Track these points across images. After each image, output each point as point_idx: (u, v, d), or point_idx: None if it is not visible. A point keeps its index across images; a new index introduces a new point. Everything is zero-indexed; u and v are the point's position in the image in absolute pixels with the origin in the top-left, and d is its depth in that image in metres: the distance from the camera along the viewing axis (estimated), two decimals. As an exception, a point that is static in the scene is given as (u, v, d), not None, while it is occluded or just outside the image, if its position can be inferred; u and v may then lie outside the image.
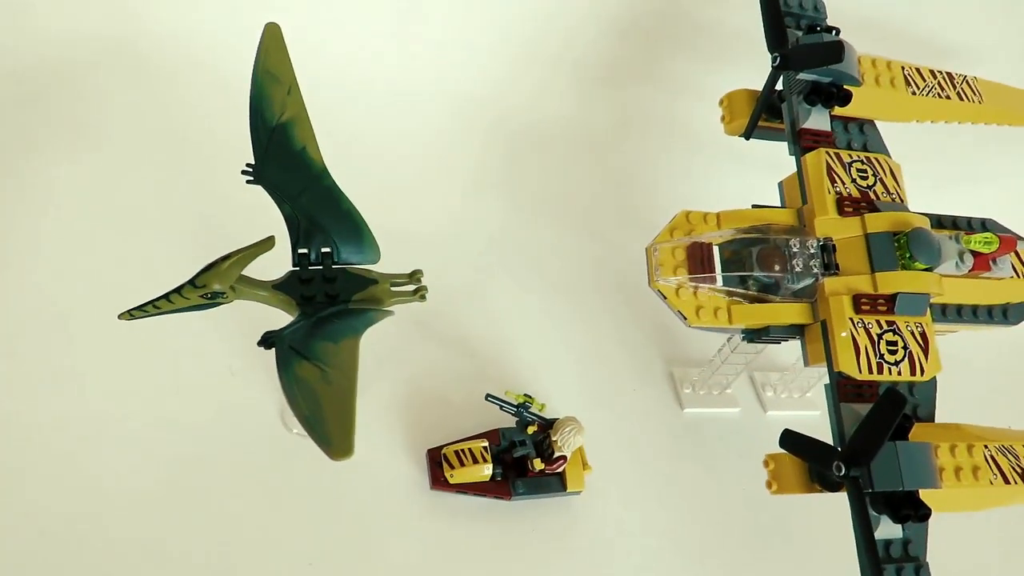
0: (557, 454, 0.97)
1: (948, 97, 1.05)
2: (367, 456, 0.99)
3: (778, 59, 0.95)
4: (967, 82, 1.07)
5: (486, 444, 0.98)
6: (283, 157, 0.81)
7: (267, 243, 0.72)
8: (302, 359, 0.70)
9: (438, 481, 0.96)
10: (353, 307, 0.79)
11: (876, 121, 1.04)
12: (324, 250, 0.82)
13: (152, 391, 0.98)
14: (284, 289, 0.79)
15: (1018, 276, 0.99)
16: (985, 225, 1.05)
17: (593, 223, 1.31)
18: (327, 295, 0.79)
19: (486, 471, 0.96)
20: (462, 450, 0.97)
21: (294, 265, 0.81)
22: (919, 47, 1.30)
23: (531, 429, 0.98)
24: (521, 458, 0.98)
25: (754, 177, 1.20)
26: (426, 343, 1.12)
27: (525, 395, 0.98)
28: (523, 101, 1.37)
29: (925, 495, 0.83)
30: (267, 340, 0.74)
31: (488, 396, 0.96)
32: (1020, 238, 1.04)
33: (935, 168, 1.33)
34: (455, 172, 1.29)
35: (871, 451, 0.78)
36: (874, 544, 0.79)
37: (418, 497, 0.98)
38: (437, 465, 0.97)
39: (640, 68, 1.38)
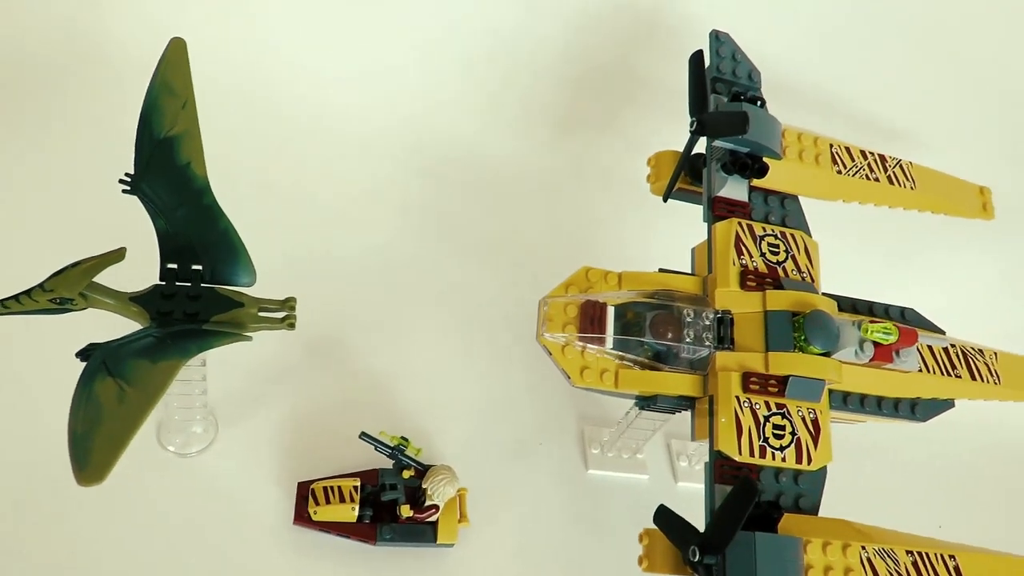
0: (428, 503, 0.94)
1: (877, 179, 1.02)
2: (237, 482, 0.98)
3: (694, 124, 0.93)
4: (900, 166, 1.04)
5: (357, 483, 0.94)
6: (165, 170, 0.80)
7: (118, 254, 0.71)
8: (107, 375, 0.67)
9: (301, 516, 0.93)
10: (208, 328, 0.77)
11: (800, 197, 1.02)
12: (195, 267, 0.80)
13: (15, 395, 0.96)
14: (141, 302, 0.77)
15: (928, 371, 0.96)
16: (904, 315, 1.01)
17: (518, 266, 1.28)
18: (186, 313, 0.77)
19: (351, 511, 0.93)
20: (331, 487, 0.94)
21: (160, 279, 0.80)
22: (872, 128, 1.28)
23: (408, 473, 0.95)
24: (391, 502, 0.95)
25: (690, 238, 1.18)
26: (325, 372, 1.10)
27: (402, 437, 0.95)
28: (453, 137, 1.36)
29: (789, 593, 0.79)
30: (85, 352, 0.72)
31: (363, 435, 0.93)
32: (938, 331, 1.01)
33: (883, 251, 1.31)
34: (383, 204, 1.28)
35: (724, 540, 0.74)
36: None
37: (281, 532, 0.94)
38: (304, 500, 0.94)
39: (586, 116, 1.37)
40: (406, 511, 0.93)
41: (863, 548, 0.82)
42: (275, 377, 1.06)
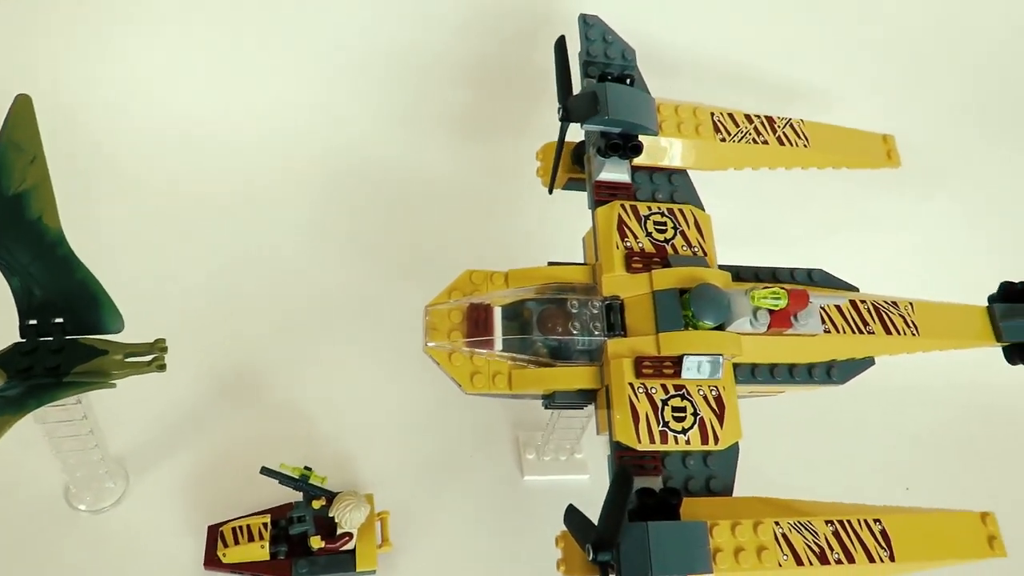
0: (339, 531, 0.92)
1: (766, 142, 0.99)
2: (150, 532, 0.96)
3: (560, 111, 0.91)
4: (791, 126, 1.01)
5: (267, 520, 0.92)
6: (16, 226, 0.78)
7: None
8: None
9: (211, 561, 0.91)
10: (69, 380, 0.75)
11: (689, 170, 0.99)
12: (57, 321, 0.79)
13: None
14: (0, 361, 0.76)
15: (837, 331, 0.92)
16: (811, 276, 0.98)
17: (431, 278, 1.24)
18: (47, 368, 0.76)
19: (262, 549, 0.90)
20: (239, 527, 0.91)
21: (21, 336, 0.78)
22: (783, 91, 1.25)
23: (318, 503, 0.93)
24: (302, 535, 0.92)
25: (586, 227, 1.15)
26: (238, 411, 1.08)
27: (305, 467, 0.93)
28: (354, 157, 1.35)
29: (699, 581, 0.75)
30: None
31: (263, 469, 0.91)
32: (850, 288, 0.97)
33: (797, 214, 1.27)
34: (284, 232, 1.26)
35: (611, 535, 0.71)
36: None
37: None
38: (213, 543, 0.92)
39: (491, 118, 1.35)
40: (316, 542, 0.91)
41: (776, 524, 0.79)
42: (187, 421, 1.05)
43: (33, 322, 0.79)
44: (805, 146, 1.01)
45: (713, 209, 0.97)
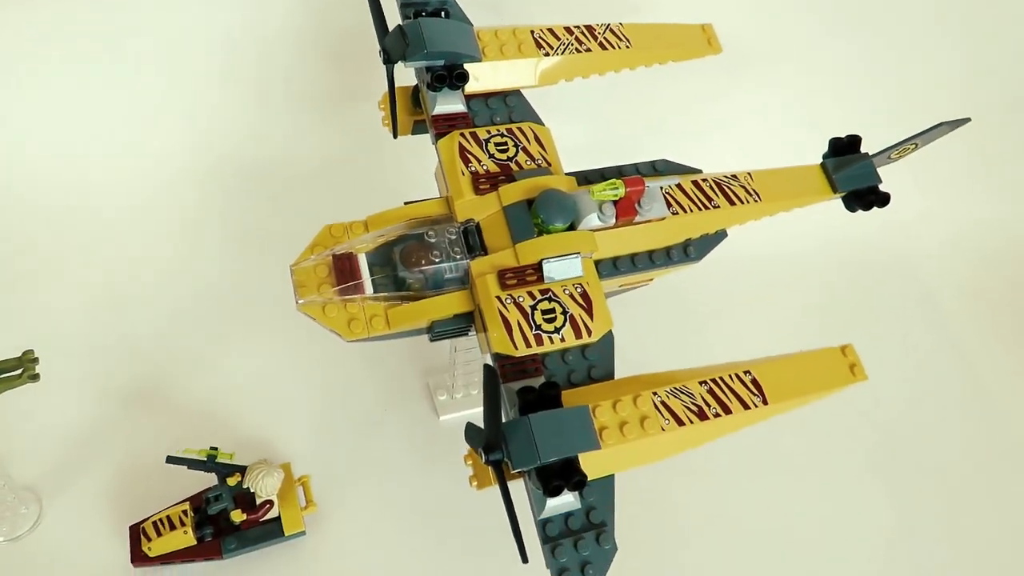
0: (259, 500, 0.94)
1: (589, 50, 1.03)
2: (73, 549, 0.96)
3: (381, 53, 0.93)
4: (611, 30, 1.05)
5: (187, 508, 0.94)
6: None
7: None
8: None
9: (138, 557, 0.92)
10: (-63, 409, 0.76)
11: (523, 89, 1.03)
12: (-87, 354, 0.79)
13: None
14: None
15: (684, 211, 0.98)
16: (655, 166, 1.03)
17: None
18: (-89, 402, 0.76)
19: (186, 535, 0.92)
20: (160, 519, 0.93)
21: None
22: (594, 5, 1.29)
23: (233, 480, 0.95)
24: (222, 513, 0.94)
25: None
26: (146, 416, 1.09)
27: (210, 447, 0.94)
28: (236, 140, 1.35)
29: (591, 458, 0.80)
30: None
31: (168, 458, 0.93)
32: (693, 171, 1.03)
33: (637, 115, 1.33)
34: (163, 231, 1.27)
35: (495, 433, 0.75)
36: (517, 526, 0.76)
37: (122, 578, 0.94)
38: (137, 541, 0.93)
39: (342, 88, 1.36)
40: (237, 516, 0.93)
41: (655, 394, 0.84)
42: (92, 436, 1.05)
43: None
44: (627, 47, 1.05)
45: (558, 128, 1.01)
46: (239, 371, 1.15)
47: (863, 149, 1.08)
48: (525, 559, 0.77)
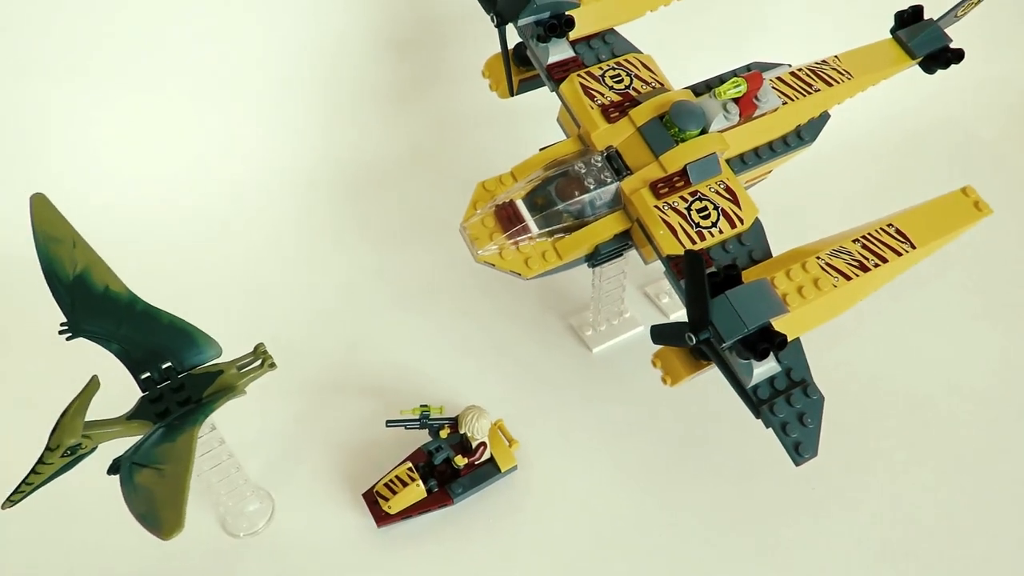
0: (475, 444, 1.01)
1: (666, -21, 1.12)
2: (314, 528, 1.04)
3: (493, 18, 1.01)
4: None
5: (410, 466, 1.01)
6: (91, 304, 0.85)
7: (93, 383, 0.76)
8: (141, 469, 0.74)
9: (381, 517, 1.00)
10: (206, 401, 0.83)
11: (615, 27, 1.11)
12: (165, 366, 0.86)
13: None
14: (139, 416, 0.82)
15: (792, 100, 1.06)
16: (749, 69, 1.11)
17: (442, 231, 1.36)
18: (179, 403, 0.83)
19: (419, 488, 1.00)
20: (390, 480, 1.00)
21: (142, 391, 0.85)
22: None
23: (444, 433, 1.02)
24: (446, 462, 1.02)
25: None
26: (340, 399, 1.17)
27: (421, 406, 1.02)
28: (341, 146, 1.45)
29: (782, 323, 0.88)
30: (114, 467, 0.78)
31: (388, 422, 1.00)
32: (785, 65, 1.11)
33: (717, 33, 1.42)
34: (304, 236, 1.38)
35: (703, 312, 0.83)
36: (744, 389, 0.84)
37: (371, 539, 1.01)
38: (375, 504, 1.01)
39: (420, 79, 1.45)
40: (461, 461, 1.00)
41: (818, 258, 0.93)
42: (294, 424, 1.13)
43: (146, 375, 0.85)
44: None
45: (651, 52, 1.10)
46: (407, 349, 1.23)
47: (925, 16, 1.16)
48: (757, 414, 0.85)
